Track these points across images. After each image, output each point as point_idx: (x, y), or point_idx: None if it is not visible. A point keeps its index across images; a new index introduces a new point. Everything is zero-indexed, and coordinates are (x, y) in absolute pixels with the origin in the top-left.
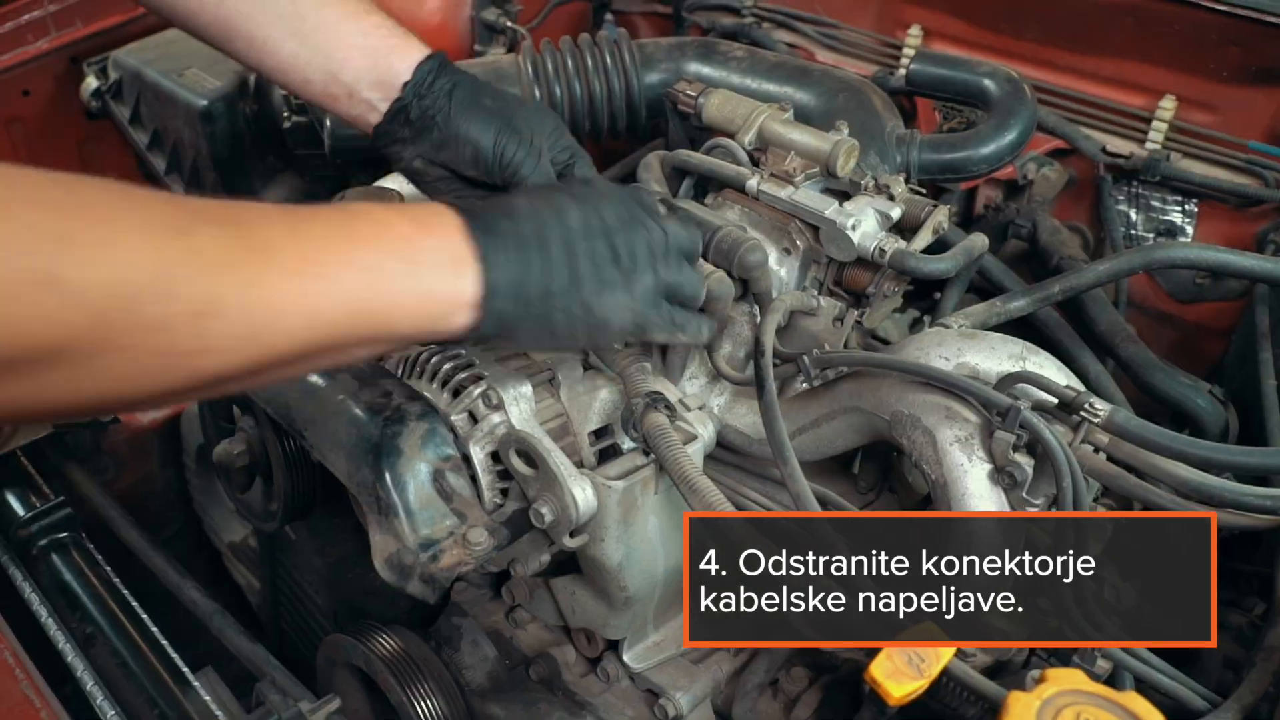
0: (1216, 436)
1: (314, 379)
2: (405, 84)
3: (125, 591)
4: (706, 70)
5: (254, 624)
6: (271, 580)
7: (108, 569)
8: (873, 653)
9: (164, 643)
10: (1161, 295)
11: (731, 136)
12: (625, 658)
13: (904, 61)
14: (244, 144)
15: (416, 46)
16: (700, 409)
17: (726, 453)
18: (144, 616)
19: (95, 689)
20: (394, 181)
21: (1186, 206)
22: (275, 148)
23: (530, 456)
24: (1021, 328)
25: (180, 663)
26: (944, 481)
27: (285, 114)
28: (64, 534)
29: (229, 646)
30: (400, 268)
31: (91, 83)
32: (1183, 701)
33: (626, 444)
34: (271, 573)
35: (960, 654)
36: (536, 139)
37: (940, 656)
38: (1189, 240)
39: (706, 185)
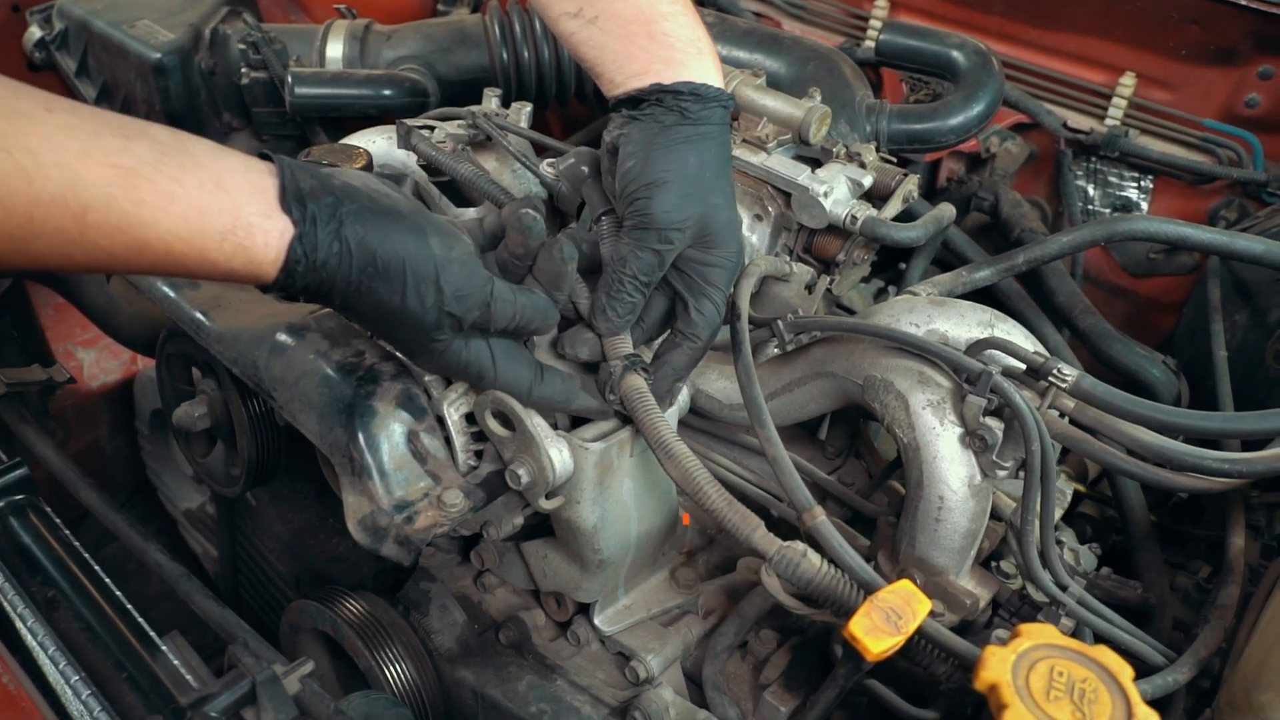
0: (1170, 405)
1: (283, 337)
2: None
3: (86, 555)
4: None
5: (212, 592)
6: (231, 547)
7: (67, 532)
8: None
9: (129, 606)
10: (1116, 269)
11: None
12: (596, 621)
13: (871, 33)
14: (199, 100)
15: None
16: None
17: (696, 418)
18: (107, 580)
19: (58, 653)
20: (361, 139)
21: (1142, 183)
22: (232, 104)
23: (507, 418)
24: (983, 298)
25: (146, 626)
26: (916, 445)
27: (243, 69)
28: (20, 496)
29: (197, 610)
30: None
31: (35, 32)
32: (1142, 657)
33: None
34: (231, 539)
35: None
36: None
37: (916, 614)
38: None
39: None
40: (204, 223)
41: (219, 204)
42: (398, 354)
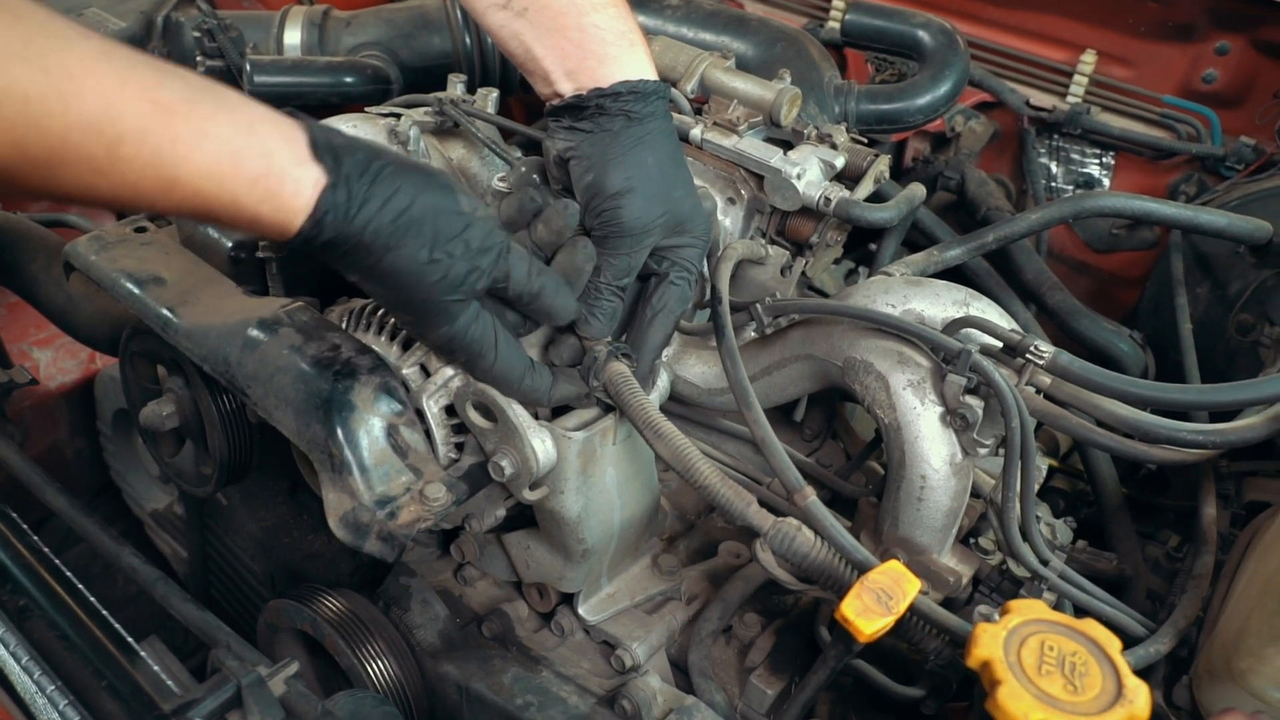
0: (1138, 378)
1: (255, 333)
2: None
3: (56, 560)
4: (642, 19)
5: (189, 595)
6: (201, 547)
7: (35, 538)
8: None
9: (104, 612)
10: (1079, 245)
11: (674, 85)
12: (580, 610)
13: (834, 14)
14: None
15: None
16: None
17: (675, 404)
18: (79, 586)
19: (32, 663)
20: (341, 124)
21: (1104, 159)
22: None
23: (488, 409)
24: (952, 277)
25: (124, 632)
26: (898, 425)
27: (199, 58)
28: None
29: (175, 614)
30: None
31: None
32: (1123, 629)
33: None
34: (201, 540)
35: None
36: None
37: (906, 593)
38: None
39: None
40: (236, 165)
41: (251, 148)
42: (374, 348)
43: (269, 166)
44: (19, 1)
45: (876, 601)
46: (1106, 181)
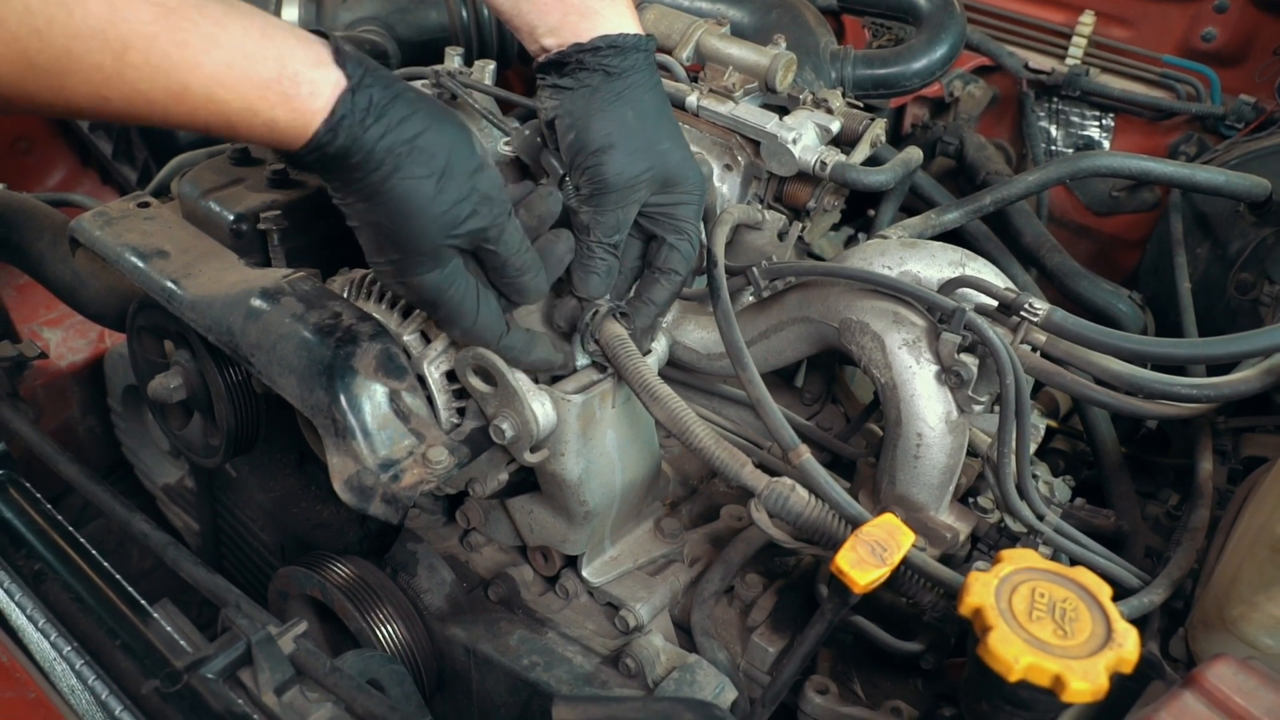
0: None
1: (258, 302)
2: None
3: (70, 528)
4: None
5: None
6: (212, 519)
7: (49, 506)
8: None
9: (117, 576)
10: (1080, 208)
11: (668, 52)
12: (584, 573)
13: None
14: None
15: None
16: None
17: (674, 370)
18: (93, 552)
19: (49, 626)
20: None
21: (1104, 121)
22: None
23: (489, 374)
24: (951, 241)
25: (136, 595)
26: (893, 384)
27: None
28: None
29: (186, 577)
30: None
31: None
32: (1118, 581)
33: (580, 360)
34: (212, 512)
35: None
36: None
37: (900, 545)
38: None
39: None
40: (249, 68)
41: (264, 50)
42: (374, 315)
43: (283, 69)
44: None
45: (871, 553)
46: (1106, 143)
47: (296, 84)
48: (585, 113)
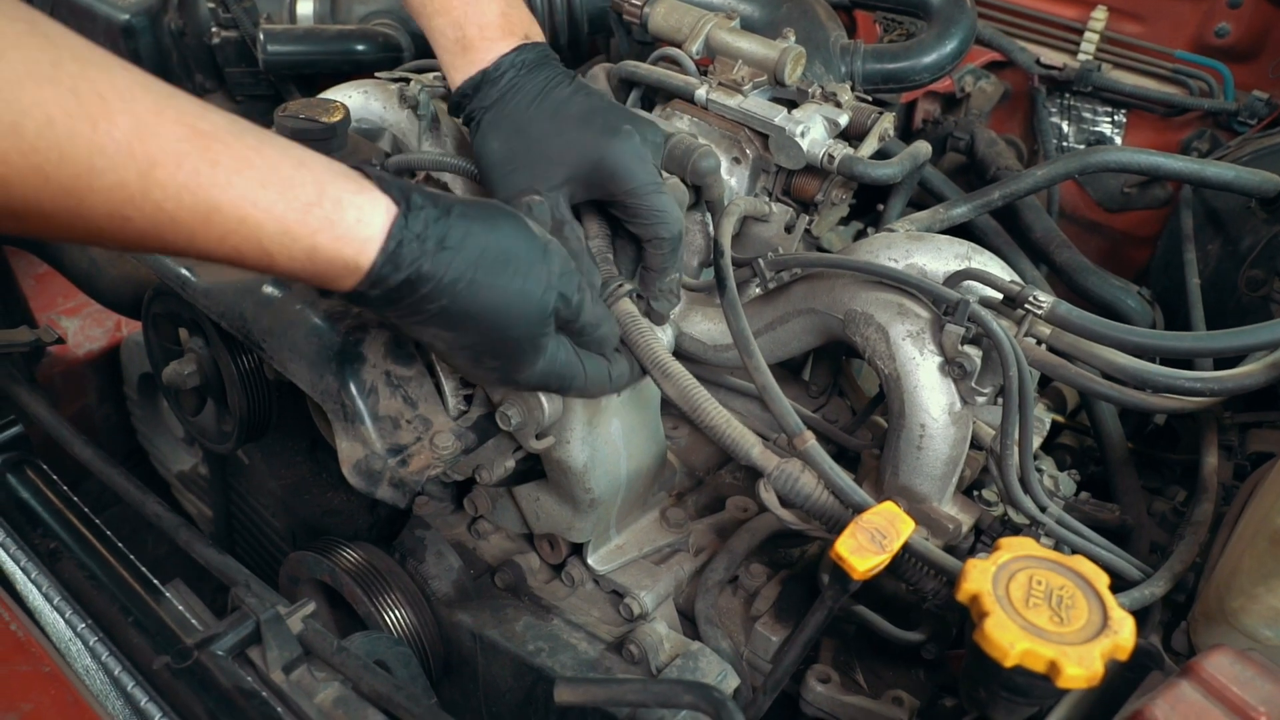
0: None
1: (270, 289)
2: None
3: (85, 509)
4: None
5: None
6: (225, 505)
7: (65, 487)
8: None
9: (130, 556)
10: (1091, 204)
11: (678, 46)
12: (589, 561)
13: None
14: (170, 62)
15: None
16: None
17: (680, 361)
18: (107, 532)
19: (63, 603)
20: (337, 95)
21: (1116, 117)
22: (204, 65)
23: None
24: (961, 235)
25: (149, 574)
26: (897, 375)
27: (214, 29)
28: (16, 453)
29: (197, 557)
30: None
31: None
32: (1120, 573)
33: None
34: (225, 497)
35: None
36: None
37: (900, 533)
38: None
39: (654, 96)
40: (286, 189)
41: (302, 176)
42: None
43: (323, 192)
44: (54, 25)
45: (870, 540)
46: (1118, 139)
47: (340, 208)
48: (486, 149)
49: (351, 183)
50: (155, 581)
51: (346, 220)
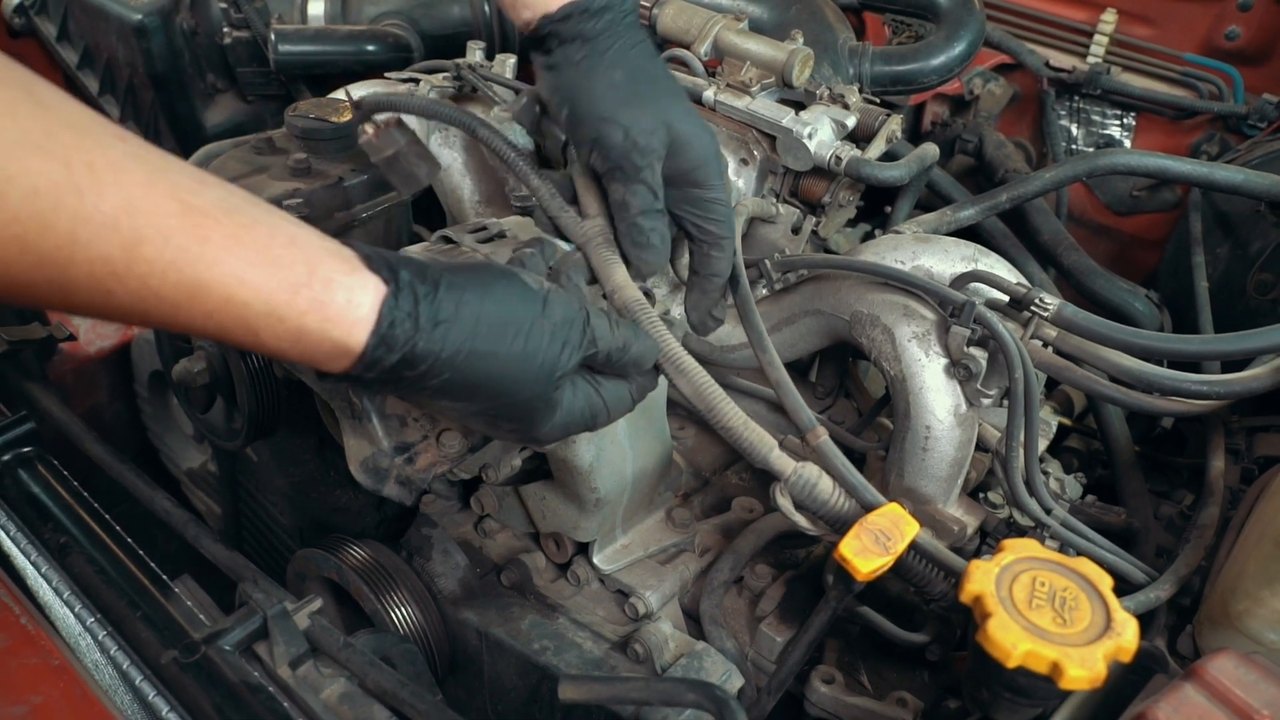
0: None
1: None
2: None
3: (95, 505)
4: None
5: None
6: (233, 503)
7: (75, 483)
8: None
9: (140, 551)
10: (1099, 208)
11: (687, 48)
12: (595, 560)
13: None
14: (182, 61)
15: None
16: (665, 315)
17: None
18: (117, 527)
19: (73, 597)
20: (362, 89)
21: (1125, 120)
22: (216, 65)
23: None
24: (968, 238)
25: (157, 569)
26: (902, 376)
27: (226, 29)
28: (27, 449)
29: (205, 553)
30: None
31: None
32: (1125, 576)
33: None
34: (233, 495)
35: None
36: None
37: (905, 535)
38: None
39: None
40: (275, 269)
41: (292, 255)
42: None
43: (313, 274)
44: (50, 91)
45: (875, 542)
46: (1128, 142)
47: (330, 289)
48: (574, 86)
49: (343, 262)
50: (164, 577)
51: (336, 302)
